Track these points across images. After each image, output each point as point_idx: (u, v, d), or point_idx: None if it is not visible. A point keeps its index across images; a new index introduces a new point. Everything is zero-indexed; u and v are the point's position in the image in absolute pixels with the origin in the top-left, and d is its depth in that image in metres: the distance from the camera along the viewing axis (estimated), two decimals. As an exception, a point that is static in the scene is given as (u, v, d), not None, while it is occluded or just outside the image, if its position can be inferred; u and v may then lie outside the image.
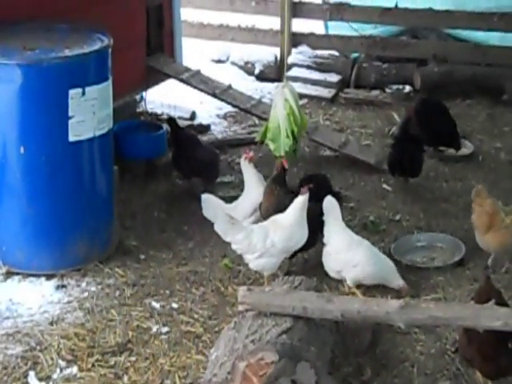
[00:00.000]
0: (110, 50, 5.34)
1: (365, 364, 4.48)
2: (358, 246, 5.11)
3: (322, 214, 5.18)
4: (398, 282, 5.09)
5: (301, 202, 5.11)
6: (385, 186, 6.75)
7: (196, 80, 7.50)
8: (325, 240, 5.17)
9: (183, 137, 6.71)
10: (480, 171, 7.06)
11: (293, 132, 5.94)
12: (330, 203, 5.16)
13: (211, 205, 5.06)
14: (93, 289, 5.21)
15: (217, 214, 4.99)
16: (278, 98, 6.05)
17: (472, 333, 4.05)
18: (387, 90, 8.89)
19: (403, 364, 4.51)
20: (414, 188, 6.66)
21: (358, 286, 5.10)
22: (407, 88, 8.88)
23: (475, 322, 3.92)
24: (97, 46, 5.27)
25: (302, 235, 5.14)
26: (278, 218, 5.17)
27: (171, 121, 6.79)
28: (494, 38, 9.32)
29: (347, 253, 5.07)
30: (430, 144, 7.18)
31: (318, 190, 5.47)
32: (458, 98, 8.58)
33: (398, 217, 6.21)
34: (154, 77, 7.58)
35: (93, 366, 4.46)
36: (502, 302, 4.10)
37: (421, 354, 4.59)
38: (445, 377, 4.39)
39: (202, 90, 7.50)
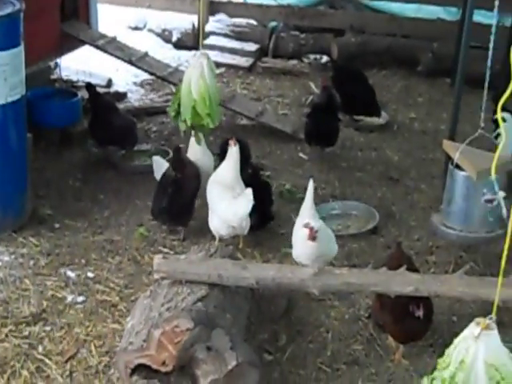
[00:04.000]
0: (21, 15, 5.21)
1: (280, 330, 4.53)
2: (298, 227, 4.87)
3: None
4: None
5: (234, 153, 5.21)
6: (301, 154, 6.81)
7: (112, 47, 7.37)
8: None
9: (101, 103, 6.62)
10: (394, 141, 7.18)
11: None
12: (311, 184, 4.94)
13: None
14: (6, 258, 5.11)
15: None
16: (203, 69, 5.88)
17: (384, 298, 4.14)
18: (305, 60, 8.94)
19: (318, 330, 4.57)
20: (329, 157, 6.73)
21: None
22: (324, 58, 8.94)
23: (387, 287, 4.00)
24: (8, 10, 5.13)
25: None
26: (219, 180, 5.24)
27: (90, 87, 6.69)
28: (409, 9, 9.48)
29: (294, 235, 4.92)
30: (348, 112, 7.25)
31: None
32: (374, 69, 8.69)
33: (313, 185, 6.27)
34: (69, 43, 7.41)
35: (6, 336, 4.39)
36: (412, 268, 4.20)
37: (335, 320, 4.66)
38: (358, 342, 4.47)
39: (118, 57, 7.38)
